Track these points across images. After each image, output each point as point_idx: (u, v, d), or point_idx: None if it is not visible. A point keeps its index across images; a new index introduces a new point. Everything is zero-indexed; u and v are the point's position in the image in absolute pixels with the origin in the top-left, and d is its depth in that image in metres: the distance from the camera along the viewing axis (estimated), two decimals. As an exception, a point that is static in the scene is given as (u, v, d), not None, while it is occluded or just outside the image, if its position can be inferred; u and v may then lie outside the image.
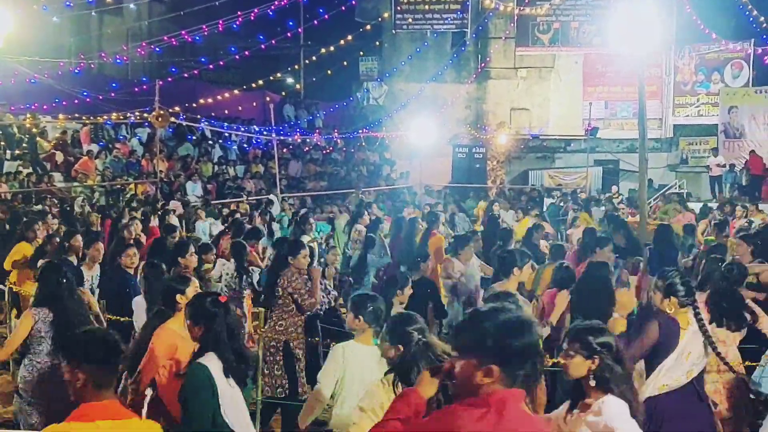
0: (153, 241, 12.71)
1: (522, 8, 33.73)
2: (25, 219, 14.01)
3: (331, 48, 31.04)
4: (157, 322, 6.56)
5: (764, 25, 30.42)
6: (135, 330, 8.10)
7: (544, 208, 24.21)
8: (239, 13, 25.19)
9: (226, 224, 17.66)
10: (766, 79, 32.61)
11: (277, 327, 9.07)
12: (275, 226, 18.88)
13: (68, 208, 19.71)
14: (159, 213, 18.71)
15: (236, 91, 31.40)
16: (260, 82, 30.78)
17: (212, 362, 5.37)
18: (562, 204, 24.52)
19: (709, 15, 32.64)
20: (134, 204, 20.21)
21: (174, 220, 18.16)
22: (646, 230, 14.56)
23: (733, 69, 34.00)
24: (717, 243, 12.90)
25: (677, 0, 31.73)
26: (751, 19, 30.56)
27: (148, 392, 6.17)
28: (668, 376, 6.06)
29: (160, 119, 21.38)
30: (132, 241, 12.16)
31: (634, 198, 22.59)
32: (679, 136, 34.83)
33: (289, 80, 42.80)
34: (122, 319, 9.11)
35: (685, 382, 6.07)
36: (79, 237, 11.48)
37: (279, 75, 34.67)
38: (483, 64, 35.58)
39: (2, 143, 25.12)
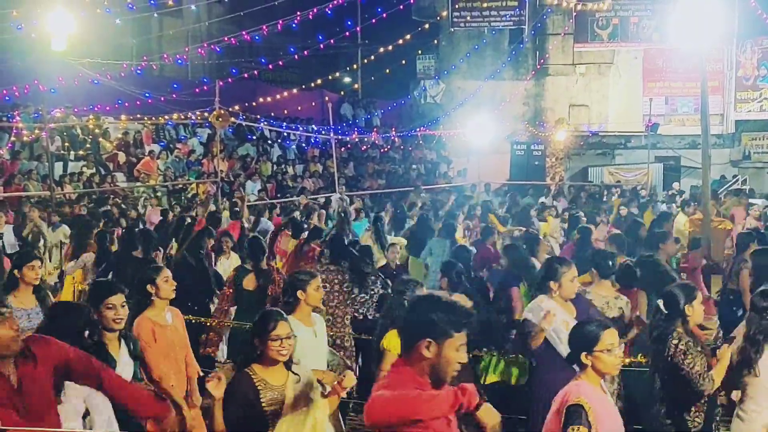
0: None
1: (581, 3, 33.48)
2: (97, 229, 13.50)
3: (389, 47, 31.06)
4: (135, 312, 6.75)
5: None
6: None
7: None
8: (298, 12, 25.28)
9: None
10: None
11: None
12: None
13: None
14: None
15: (295, 91, 31.59)
16: (318, 81, 30.87)
17: None
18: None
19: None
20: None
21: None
22: (709, 227, 14.43)
23: (797, 62, 33.38)
24: None
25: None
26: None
27: None
28: None
29: (220, 119, 21.51)
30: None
31: (697, 195, 22.23)
32: (741, 131, 34.25)
33: (347, 79, 42.99)
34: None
35: None
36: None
37: (337, 74, 34.79)
38: (541, 61, 35.37)
39: (66, 144, 25.54)
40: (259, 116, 30.71)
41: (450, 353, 3.96)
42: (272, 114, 32.67)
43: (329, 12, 25.89)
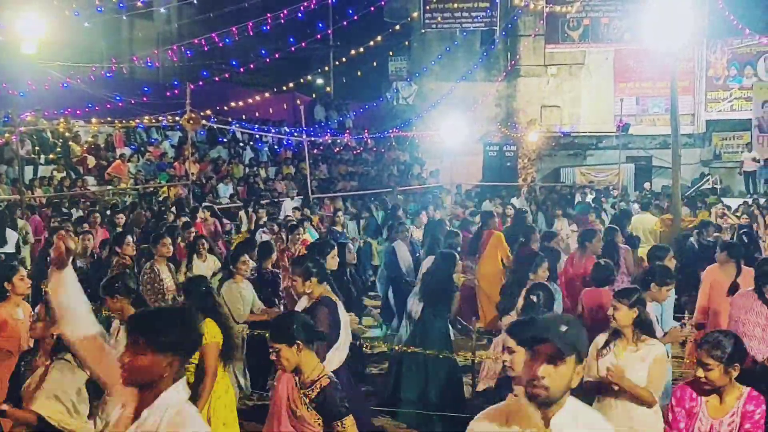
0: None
1: (551, 5, 33.59)
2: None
3: (361, 49, 31.06)
4: None
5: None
6: None
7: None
8: (268, 15, 25.19)
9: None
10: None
11: None
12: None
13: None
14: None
15: (267, 94, 31.45)
16: (291, 84, 30.85)
17: None
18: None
19: (741, 9, 32.35)
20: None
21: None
22: (679, 226, 14.51)
23: (767, 63, 33.67)
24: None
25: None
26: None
27: None
28: None
29: (191, 122, 21.39)
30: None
31: (668, 194, 22.37)
32: (712, 131, 34.56)
33: (320, 81, 42.95)
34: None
35: None
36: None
37: (309, 77, 34.78)
38: (513, 62, 35.50)
39: (36, 148, 25.32)
40: (230, 119, 30.57)
41: None
42: (244, 116, 32.52)
43: (300, 14, 25.83)
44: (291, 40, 29.86)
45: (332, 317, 6.75)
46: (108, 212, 18.02)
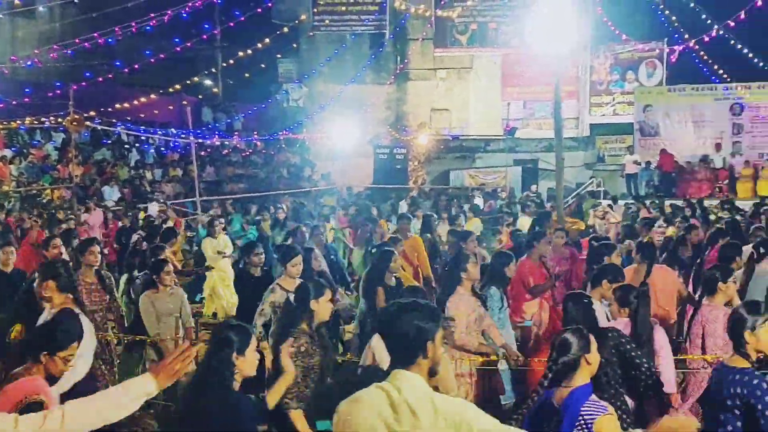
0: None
1: (439, 10, 33.86)
2: None
3: (248, 50, 30.79)
4: None
5: (676, 24, 31.10)
6: None
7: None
8: (152, 15, 24.73)
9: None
10: (679, 77, 33.30)
11: None
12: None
13: None
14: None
15: (153, 95, 30.93)
16: (177, 85, 30.39)
17: None
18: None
19: (623, 15, 33.29)
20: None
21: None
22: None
23: (647, 68, 34.71)
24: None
25: (592, 1, 32.27)
26: (663, 18, 31.21)
27: None
28: None
29: (75, 124, 20.90)
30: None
31: (552, 196, 22.81)
32: (596, 134, 35.39)
33: (207, 83, 42.34)
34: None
35: None
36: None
37: (196, 78, 34.29)
38: (402, 66, 35.66)
39: None
40: (115, 120, 29.99)
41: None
42: (129, 118, 31.95)
43: (185, 15, 25.45)
44: (176, 40, 29.45)
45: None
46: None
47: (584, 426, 4.56)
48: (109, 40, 25.84)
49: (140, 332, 9.16)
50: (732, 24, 28.13)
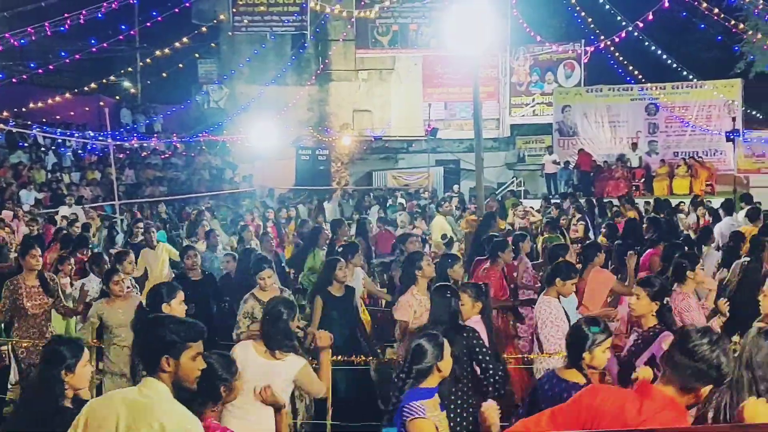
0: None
1: (357, 11, 33.81)
2: None
3: (166, 50, 30.35)
4: None
5: (592, 26, 31.53)
6: None
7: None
8: (66, 15, 24.17)
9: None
10: (597, 78, 33.75)
11: None
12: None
13: None
14: None
15: (69, 96, 30.26)
16: (93, 85, 29.80)
17: None
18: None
19: (541, 17, 33.67)
20: None
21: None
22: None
23: (566, 69, 35.13)
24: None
25: (510, 2, 32.59)
26: (580, 20, 31.62)
27: None
28: None
29: (-13, 126, 20.44)
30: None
31: (472, 196, 22.92)
32: (516, 135, 35.77)
33: (125, 83, 41.62)
34: None
35: None
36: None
37: (113, 78, 33.72)
38: (323, 66, 35.53)
39: None
40: (31, 122, 29.33)
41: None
42: (45, 120, 31.26)
43: (101, 15, 24.96)
44: (92, 41, 28.88)
45: None
46: None
47: (403, 425, 4.89)
48: (22, 41, 25.19)
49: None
50: (641, 24, 28.56)
